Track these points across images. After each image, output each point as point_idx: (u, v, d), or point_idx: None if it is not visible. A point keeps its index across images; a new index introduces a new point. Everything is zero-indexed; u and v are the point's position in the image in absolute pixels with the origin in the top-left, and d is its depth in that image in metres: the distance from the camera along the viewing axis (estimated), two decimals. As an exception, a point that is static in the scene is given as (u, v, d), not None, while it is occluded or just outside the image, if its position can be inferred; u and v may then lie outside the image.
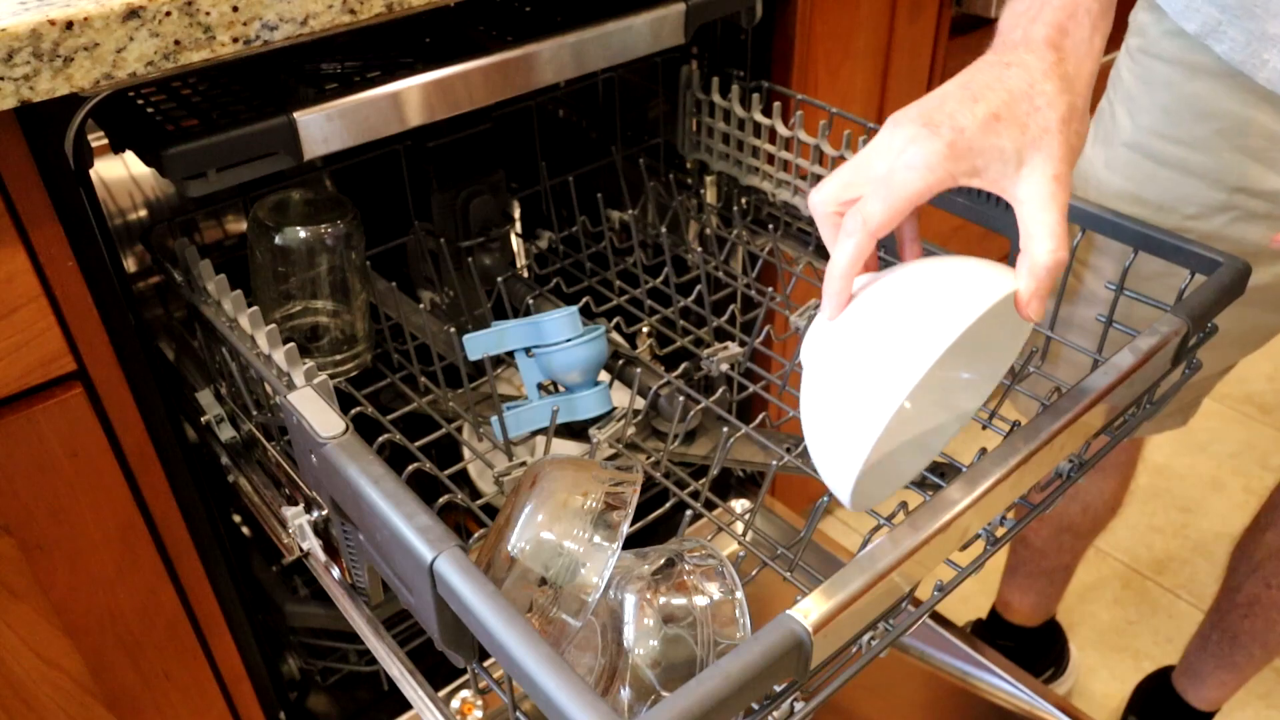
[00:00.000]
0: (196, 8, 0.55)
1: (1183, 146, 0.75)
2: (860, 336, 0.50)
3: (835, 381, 0.50)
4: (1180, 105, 0.74)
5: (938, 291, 0.49)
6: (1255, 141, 0.71)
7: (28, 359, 0.61)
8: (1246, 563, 1.08)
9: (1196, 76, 0.72)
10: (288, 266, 0.76)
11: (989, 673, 0.96)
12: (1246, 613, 1.10)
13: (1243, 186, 0.74)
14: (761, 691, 0.41)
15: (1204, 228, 0.76)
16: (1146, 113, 0.76)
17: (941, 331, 0.46)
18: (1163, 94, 0.75)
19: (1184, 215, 0.77)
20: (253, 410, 0.70)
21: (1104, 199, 0.81)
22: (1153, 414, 0.65)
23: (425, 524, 0.46)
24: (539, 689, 0.39)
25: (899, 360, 0.47)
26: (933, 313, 0.47)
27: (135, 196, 0.85)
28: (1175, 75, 0.73)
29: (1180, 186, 0.76)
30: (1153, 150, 0.76)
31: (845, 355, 0.50)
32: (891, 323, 0.49)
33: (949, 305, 0.47)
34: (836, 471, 0.50)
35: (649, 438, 0.81)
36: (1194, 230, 0.77)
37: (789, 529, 1.04)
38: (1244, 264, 0.61)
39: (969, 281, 0.49)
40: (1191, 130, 0.74)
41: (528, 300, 0.84)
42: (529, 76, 0.73)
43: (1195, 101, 0.73)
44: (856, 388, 0.48)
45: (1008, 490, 0.50)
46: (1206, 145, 0.74)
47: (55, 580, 0.69)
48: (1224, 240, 0.76)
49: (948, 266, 0.51)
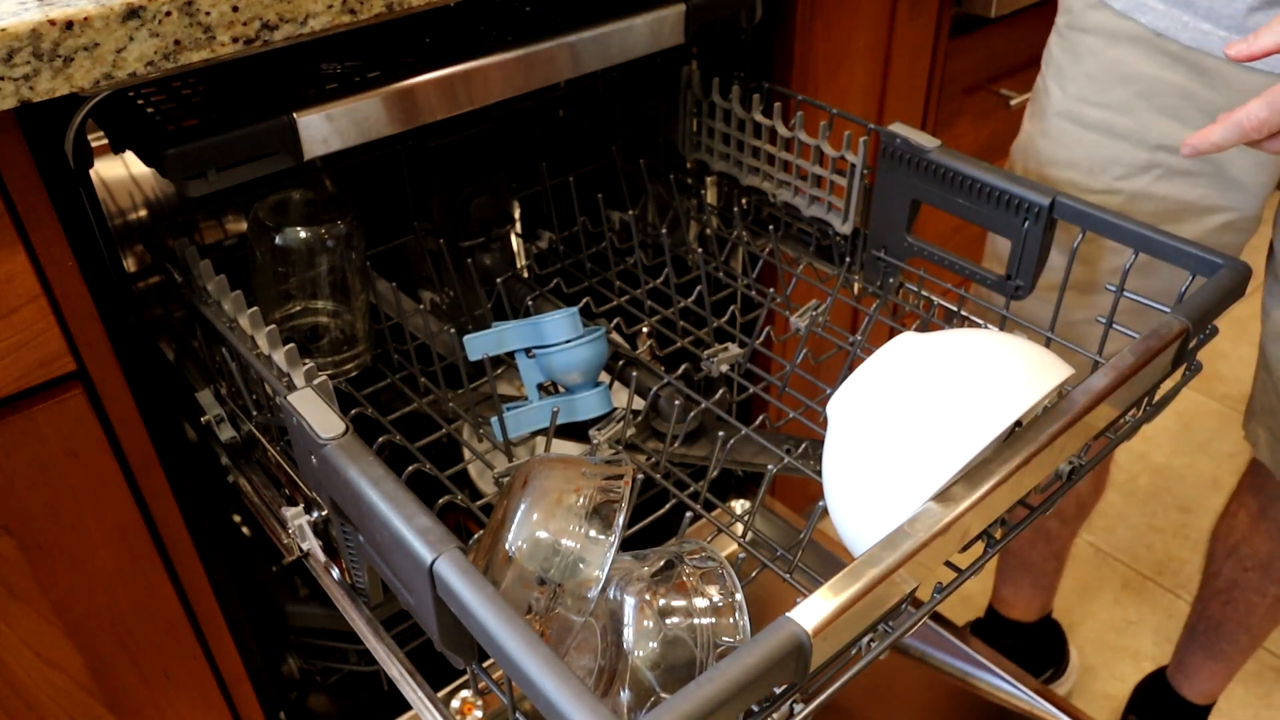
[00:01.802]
0: (196, 8, 0.55)
1: (1107, 110, 0.81)
2: (910, 417, 0.52)
3: (879, 455, 0.53)
4: (1103, 71, 0.80)
5: (991, 377, 0.53)
6: (1171, 100, 0.78)
7: (28, 359, 0.61)
8: (1222, 547, 1.09)
9: (1117, 43, 0.79)
10: (288, 267, 0.76)
11: (989, 673, 0.96)
12: (1227, 599, 1.10)
13: (1162, 144, 0.80)
14: (761, 694, 0.41)
15: (1131, 187, 0.82)
16: (1074, 81, 0.83)
17: (993, 419, 0.50)
18: (1088, 62, 0.81)
19: (1113, 177, 0.83)
20: (253, 411, 0.70)
21: (1041, 167, 0.87)
22: (1153, 416, 0.65)
23: (425, 525, 0.46)
24: (538, 691, 0.39)
25: (945, 447, 0.50)
26: (987, 399, 0.51)
27: (135, 196, 0.85)
28: (1099, 44, 0.80)
29: (1107, 149, 0.82)
30: (1081, 116, 0.83)
31: (894, 431, 0.53)
32: (943, 408, 0.52)
33: (1001, 393, 0.51)
34: (860, 533, 0.52)
35: (649, 439, 0.81)
36: (1123, 191, 0.83)
37: (789, 529, 1.04)
38: (1244, 266, 0.61)
39: (1023, 369, 0.53)
40: (1114, 94, 0.80)
41: (528, 301, 0.84)
42: (529, 76, 0.73)
43: (1116, 66, 0.79)
44: (898, 469, 0.51)
45: (1008, 492, 0.50)
46: (1128, 107, 0.80)
47: (55, 580, 0.69)
48: (1152, 199, 0.82)
49: (999, 348, 0.55)
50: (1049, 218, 0.70)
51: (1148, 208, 0.82)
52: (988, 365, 0.53)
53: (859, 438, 0.54)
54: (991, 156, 1.35)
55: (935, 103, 1.16)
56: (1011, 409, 0.50)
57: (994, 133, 1.30)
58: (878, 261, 0.83)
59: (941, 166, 0.74)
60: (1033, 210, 0.70)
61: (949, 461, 0.49)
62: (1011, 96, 1.23)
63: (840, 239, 0.87)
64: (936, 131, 1.18)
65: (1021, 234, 0.72)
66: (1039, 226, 0.71)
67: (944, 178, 0.75)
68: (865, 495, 0.53)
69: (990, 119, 1.28)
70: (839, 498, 0.54)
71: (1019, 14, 1.18)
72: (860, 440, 0.54)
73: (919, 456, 0.50)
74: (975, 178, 0.73)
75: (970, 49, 1.18)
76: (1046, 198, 0.69)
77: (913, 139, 0.76)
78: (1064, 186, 0.85)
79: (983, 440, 0.49)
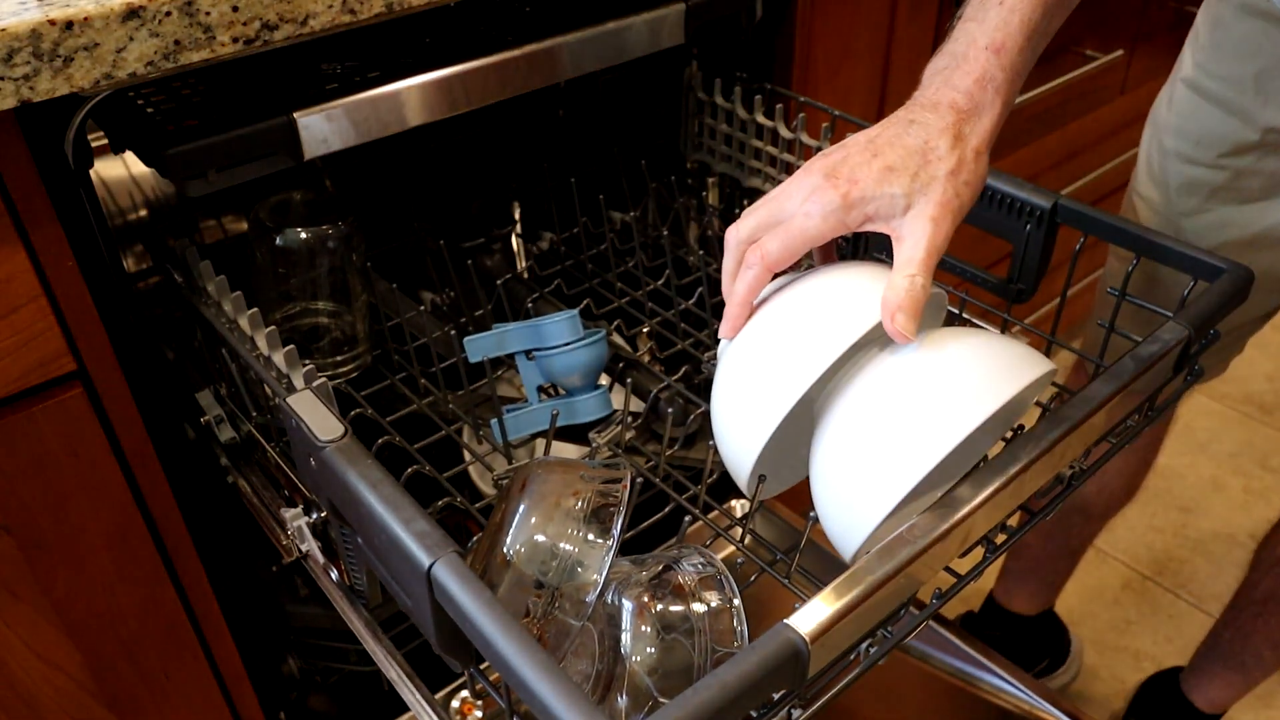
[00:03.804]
0: (196, 8, 0.54)
1: (1225, 84, 0.82)
2: (887, 404, 0.51)
3: (851, 439, 0.51)
4: (1229, 43, 0.81)
5: (977, 368, 0.51)
6: None
7: (28, 359, 0.61)
8: (1268, 558, 1.09)
9: (1247, 17, 0.79)
10: (288, 267, 0.76)
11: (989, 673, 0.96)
12: (1260, 610, 1.10)
13: (1272, 126, 0.80)
14: (759, 700, 0.41)
15: (1238, 165, 0.84)
16: (1203, 50, 0.84)
17: (962, 419, 0.48)
18: (1218, 33, 0.82)
19: (1219, 153, 0.84)
20: (252, 411, 0.70)
21: (1160, 133, 0.89)
22: (1154, 421, 0.65)
23: (423, 529, 0.46)
24: (535, 696, 0.39)
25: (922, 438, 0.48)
26: (962, 392, 0.49)
27: (135, 196, 0.85)
28: (1229, 15, 0.81)
29: (1220, 125, 0.83)
30: (1201, 85, 0.84)
31: (868, 418, 0.51)
32: (918, 398, 0.50)
33: (980, 385, 0.50)
34: (848, 533, 0.51)
35: (649, 441, 0.81)
36: (1229, 167, 0.84)
37: (789, 530, 1.04)
38: (1247, 270, 0.61)
39: (1005, 361, 0.51)
40: (1233, 69, 0.81)
41: (528, 302, 0.84)
42: (529, 76, 0.73)
43: (1242, 42, 0.80)
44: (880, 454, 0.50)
45: (1009, 497, 0.50)
46: (1244, 85, 0.81)
47: (55, 580, 0.69)
48: (1259, 174, 0.83)
49: (976, 345, 0.53)
50: (1051, 221, 0.70)
51: (1255, 183, 0.84)
52: (981, 356, 0.52)
53: (839, 418, 0.52)
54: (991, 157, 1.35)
55: (937, 103, 1.16)
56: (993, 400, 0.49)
57: (995, 133, 1.29)
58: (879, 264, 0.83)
59: (943, 168, 0.74)
60: (1034, 214, 0.70)
61: (928, 455, 0.48)
62: (1013, 97, 1.23)
63: (841, 241, 0.87)
64: (938, 132, 1.17)
65: (1023, 237, 0.72)
66: (1041, 230, 0.71)
67: (945, 180, 0.74)
68: (843, 477, 0.51)
69: (992, 119, 1.27)
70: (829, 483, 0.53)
71: (1021, 14, 1.17)
72: (839, 424, 0.52)
73: (900, 444, 0.49)
74: (976, 180, 0.72)
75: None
76: (1048, 201, 0.69)
77: (914, 141, 0.75)
78: (1173, 156, 0.87)
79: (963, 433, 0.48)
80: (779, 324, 0.54)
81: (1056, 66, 1.29)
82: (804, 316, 0.54)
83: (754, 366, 0.54)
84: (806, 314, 0.54)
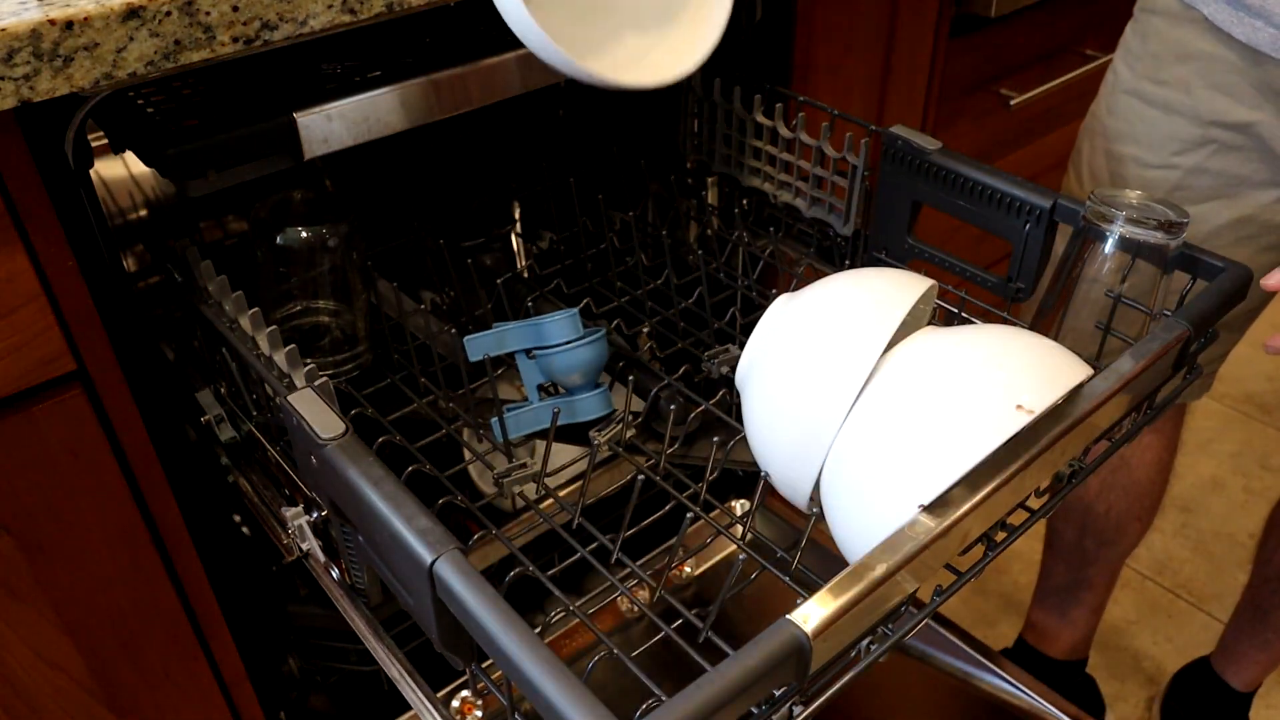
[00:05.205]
0: (196, 8, 0.54)
1: (1167, 88, 0.87)
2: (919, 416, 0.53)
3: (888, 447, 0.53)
4: (1166, 50, 0.86)
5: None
6: (1224, 77, 0.83)
7: (28, 359, 0.61)
8: (1277, 536, 1.09)
9: (1180, 24, 0.85)
10: (288, 267, 0.76)
11: (989, 673, 0.96)
12: (1276, 587, 1.11)
13: (1215, 119, 0.85)
14: (761, 695, 0.41)
15: (1188, 163, 0.88)
16: (1140, 60, 0.89)
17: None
18: (1153, 42, 0.87)
19: (1170, 152, 0.88)
20: (253, 411, 0.70)
21: (1107, 143, 0.93)
22: (1153, 419, 0.65)
23: (425, 526, 0.46)
24: (539, 692, 0.39)
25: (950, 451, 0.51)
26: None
27: (135, 196, 0.85)
28: (1164, 25, 0.86)
29: (1166, 125, 0.88)
30: (1144, 92, 0.89)
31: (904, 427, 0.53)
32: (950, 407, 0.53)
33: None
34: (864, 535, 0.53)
35: (649, 440, 0.81)
36: (1180, 166, 0.88)
37: (789, 528, 1.04)
38: (1245, 270, 0.61)
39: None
40: (1174, 71, 0.86)
41: (528, 301, 0.84)
42: (530, 76, 0.73)
43: (1177, 45, 0.85)
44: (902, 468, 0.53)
45: (1008, 495, 0.50)
46: (1185, 85, 0.85)
47: (55, 580, 0.69)
48: (1207, 173, 0.87)
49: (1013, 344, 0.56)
50: (1050, 220, 0.70)
51: (1204, 182, 0.87)
52: (1003, 361, 0.53)
53: (872, 422, 0.54)
54: (992, 157, 1.35)
55: (935, 103, 1.16)
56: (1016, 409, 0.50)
57: (994, 133, 1.30)
58: (879, 263, 0.83)
59: (943, 169, 0.74)
60: (1034, 213, 0.70)
61: (952, 465, 0.49)
62: (1011, 97, 1.23)
63: (841, 240, 0.87)
64: (936, 132, 1.18)
65: (1023, 236, 0.72)
66: (1040, 229, 0.71)
67: (945, 180, 0.75)
68: (863, 486, 0.53)
69: (990, 119, 1.28)
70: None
71: (1019, 14, 1.18)
72: (867, 429, 0.54)
73: (929, 456, 0.50)
74: (977, 180, 0.73)
75: (970, 49, 1.18)
76: (1048, 200, 0.69)
77: (914, 141, 0.76)
78: (1126, 162, 0.91)
79: (990, 444, 0.49)
80: (818, 331, 0.58)
81: (1056, 66, 1.29)
82: (843, 321, 0.57)
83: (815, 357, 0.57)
84: (844, 319, 0.57)
